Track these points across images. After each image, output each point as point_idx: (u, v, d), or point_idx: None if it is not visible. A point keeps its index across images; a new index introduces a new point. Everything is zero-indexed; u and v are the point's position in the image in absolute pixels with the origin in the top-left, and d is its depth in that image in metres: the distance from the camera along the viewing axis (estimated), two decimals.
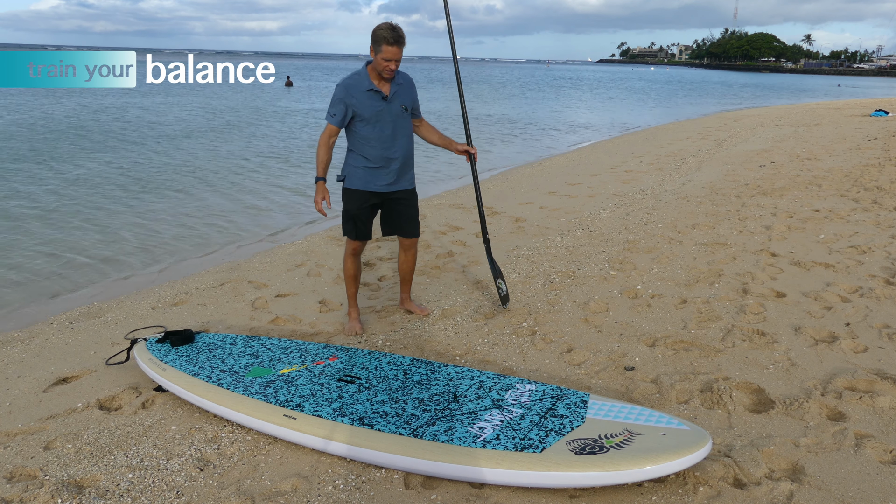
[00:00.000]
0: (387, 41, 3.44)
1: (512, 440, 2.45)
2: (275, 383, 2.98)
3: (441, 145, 4.03)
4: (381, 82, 3.61)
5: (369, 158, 3.68)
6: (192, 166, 11.29)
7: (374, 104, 3.59)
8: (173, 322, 4.21)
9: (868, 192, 7.88)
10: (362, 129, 3.64)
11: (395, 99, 3.65)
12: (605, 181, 9.41)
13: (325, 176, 3.69)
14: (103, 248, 6.51)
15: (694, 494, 2.36)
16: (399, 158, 3.73)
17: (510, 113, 23.72)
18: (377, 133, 3.64)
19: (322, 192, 3.65)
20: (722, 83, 66.28)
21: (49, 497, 2.41)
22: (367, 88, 3.58)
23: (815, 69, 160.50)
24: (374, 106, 3.59)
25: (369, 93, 3.58)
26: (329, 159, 3.70)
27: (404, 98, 3.70)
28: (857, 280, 4.68)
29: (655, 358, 3.51)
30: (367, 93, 3.58)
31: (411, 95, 3.76)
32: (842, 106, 27.34)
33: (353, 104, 3.58)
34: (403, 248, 4.07)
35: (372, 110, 3.59)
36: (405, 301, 4.29)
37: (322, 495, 2.44)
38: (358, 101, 3.58)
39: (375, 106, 3.60)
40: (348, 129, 3.70)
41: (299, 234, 7.10)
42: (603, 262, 5.26)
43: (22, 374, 3.54)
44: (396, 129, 3.68)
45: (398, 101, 3.66)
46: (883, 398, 2.97)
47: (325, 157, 3.68)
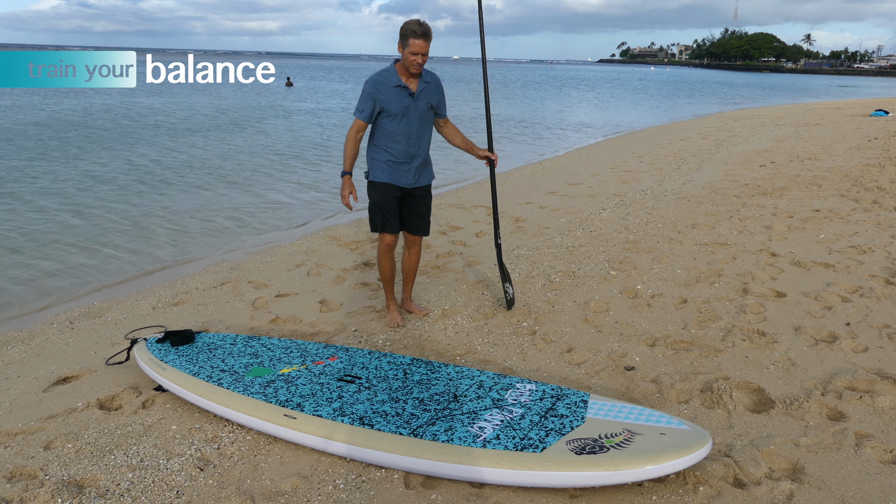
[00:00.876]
0: (414, 34, 3.51)
1: (512, 440, 2.45)
2: (275, 383, 2.98)
3: (463, 149, 4.05)
4: (410, 79, 3.67)
5: (392, 153, 3.74)
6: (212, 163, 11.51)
7: (401, 100, 3.65)
8: (173, 322, 4.22)
9: (868, 192, 7.88)
10: (388, 125, 3.70)
11: (421, 96, 3.71)
12: (606, 181, 9.41)
13: (351, 171, 3.73)
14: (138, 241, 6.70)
15: (694, 494, 2.36)
16: (421, 155, 3.81)
17: (512, 112, 23.71)
18: (403, 129, 3.70)
19: (348, 187, 3.70)
20: (720, 83, 66.28)
21: (49, 497, 2.41)
22: (395, 84, 3.64)
23: (815, 69, 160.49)
24: (402, 102, 3.65)
25: (397, 89, 3.64)
26: (356, 154, 3.76)
27: (431, 96, 3.76)
28: (857, 280, 4.68)
29: (655, 358, 3.52)
30: (395, 89, 3.64)
31: (438, 94, 3.83)
32: (842, 106, 27.34)
33: (381, 100, 3.64)
34: (408, 244, 4.09)
35: (399, 106, 3.65)
36: (406, 301, 4.29)
37: (322, 495, 2.44)
38: (386, 97, 3.64)
39: (403, 102, 3.66)
40: (374, 125, 3.76)
41: (322, 226, 7.19)
42: (603, 262, 5.26)
43: (22, 374, 3.54)
44: (421, 126, 3.76)
45: (425, 99, 3.73)
46: (883, 398, 2.97)
47: (352, 151, 3.73)
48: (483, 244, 6.03)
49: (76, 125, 16.59)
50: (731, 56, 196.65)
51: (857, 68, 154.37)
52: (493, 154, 4.05)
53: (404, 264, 4.16)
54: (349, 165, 3.72)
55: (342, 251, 5.91)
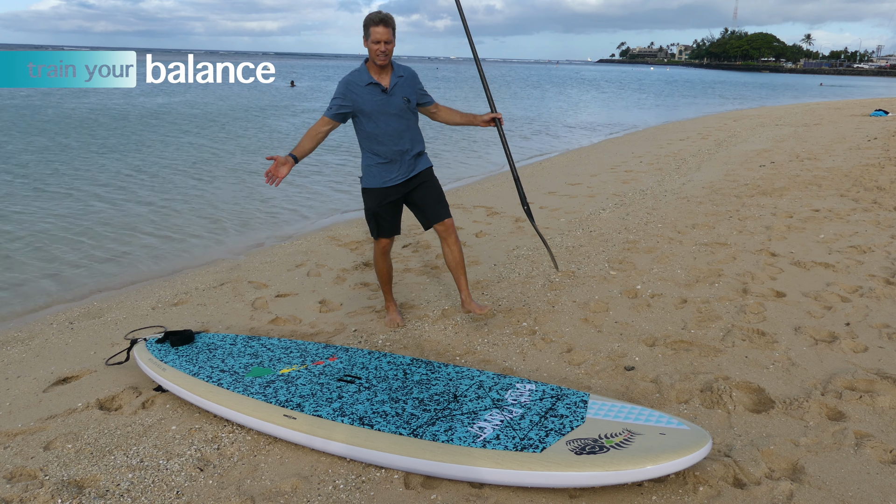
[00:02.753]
0: (373, 22, 3.46)
1: (512, 440, 2.45)
2: (275, 383, 2.98)
3: (466, 123, 3.92)
4: (381, 75, 3.60)
5: (380, 155, 3.68)
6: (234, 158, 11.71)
7: (374, 98, 3.58)
8: (173, 322, 4.22)
9: (868, 192, 7.88)
10: (368, 126, 3.64)
11: (396, 91, 3.62)
12: (605, 181, 9.41)
13: (297, 156, 3.52)
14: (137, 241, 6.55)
15: (694, 494, 2.36)
16: (410, 150, 3.71)
17: (514, 112, 23.70)
18: (382, 128, 3.63)
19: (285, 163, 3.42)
20: (720, 82, 66.25)
21: (49, 497, 2.41)
22: (366, 83, 3.58)
23: (815, 69, 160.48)
24: (375, 100, 3.59)
25: (369, 87, 3.58)
26: (308, 148, 3.58)
27: (406, 90, 3.67)
28: (857, 280, 4.68)
29: (655, 358, 3.51)
30: (367, 87, 3.58)
31: (413, 87, 3.73)
32: (842, 106, 27.34)
33: (354, 100, 3.58)
34: (442, 237, 3.82)
35: (373, 104, 3.59)
36: (466, 301, 3.87)
37: (322, 495, 2.44)
38: (358, 97, 3.57)
39: (376, 99, 3.59)
40: (357, 129, 3.70)
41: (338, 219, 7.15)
42: (603, 262, 5.26)
43: (22, 374, 3.54)
44: (401, 122, 3.66)
45: (399, 94, 3.64)
46: (883, 398, 2.97)
47: (306, 143, 3.57)
48: (483, 244, 6.03)
49: (55, 124, 16.59)
50: (730, 56, 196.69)
51: (857, 68, 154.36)
52: (497, 113, 3.86)
53: (447, 260, 3.87)
54: (297, 151, 3.53)
55: (342, 251, 5.91)
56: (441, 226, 3.81)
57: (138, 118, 18.97)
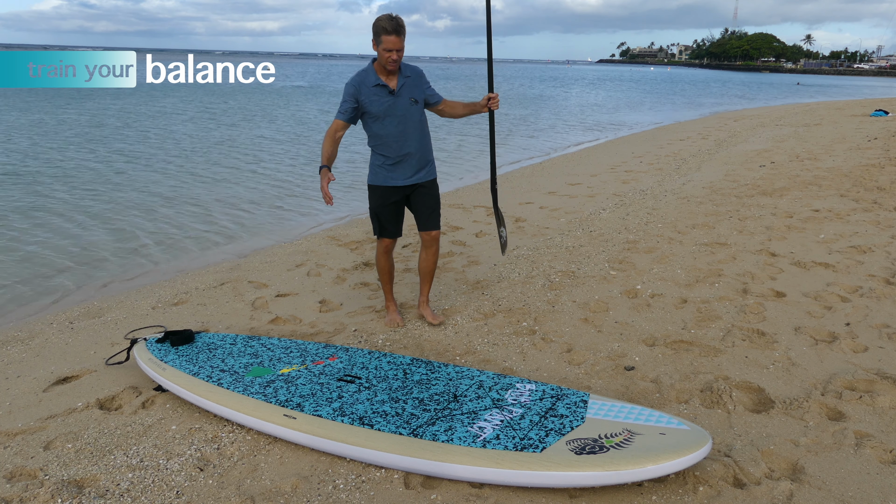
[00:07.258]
0: (386, 31, 3.46)
1: (512, 440, 2.45)
2: (275, 383, 2.98)
3: (470, 113, 3.94)
4: (388, 77, 3.63)
5: (387, 156, 3.72)
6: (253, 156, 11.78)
7: (381, 99, 3.61)
8: (173, 322, 4.21)
9: (868, 192, 7.88)
10: (375, 127, 3.67)
11: (402, 92, 3.65)
12: (605, 181, 9.41)
13: (328, 165, 3.59)
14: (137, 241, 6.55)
15: (694, 494, 2.36)
16: (415, 152, 3.74)
17: (514, 112, 23.71)
18: (390, 129, 3.66)
19: (326, 177, 3.53)
20: (719, 82, 66.24)
21: (49, 497, 2.41)
22: (374, 84, 3.60)
23: (814, 69, 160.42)
24: (383, 101, 3.62)
25: (377, 88, 3.60)
26: (333, 152, 3.64)
27: (413, 91, 3.70)
28: (857, 280, 4.68)
29: (655, 358, 3.51)
30: (374, 88, 3.60)
31: (420, 87, 3.74)
32: (842, 106, 27.33)
33: (362, 101, 3.61)
34: (424, 244, 3.98)
35: (380, 105, 3.61)
36: (421, 305, 4.14)
37: (322, 495, 2.44)
38: (366, 98, 3.60)
39: (383, 101, 3.62)
40: (366, 130, 3.74)
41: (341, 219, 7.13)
42: (603, 262, 5.26)
43: (22, 374, 3.54)
44: (408, 124, 3.69)
45: (406, 95, 3.67)
46: (883, 398, 2.97)
47: (329, 148, 3.62)
48: (483, 244, 6.03)
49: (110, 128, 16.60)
50: (730, 56, 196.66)
51: (857, 68, 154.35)
52: (492, 93, 3.83)
53: (420, 266, 4.06)
54: (325, 160, 3.59)
55: (342, 251, 5.91)
56: (427, 235, 3.94)
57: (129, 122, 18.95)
